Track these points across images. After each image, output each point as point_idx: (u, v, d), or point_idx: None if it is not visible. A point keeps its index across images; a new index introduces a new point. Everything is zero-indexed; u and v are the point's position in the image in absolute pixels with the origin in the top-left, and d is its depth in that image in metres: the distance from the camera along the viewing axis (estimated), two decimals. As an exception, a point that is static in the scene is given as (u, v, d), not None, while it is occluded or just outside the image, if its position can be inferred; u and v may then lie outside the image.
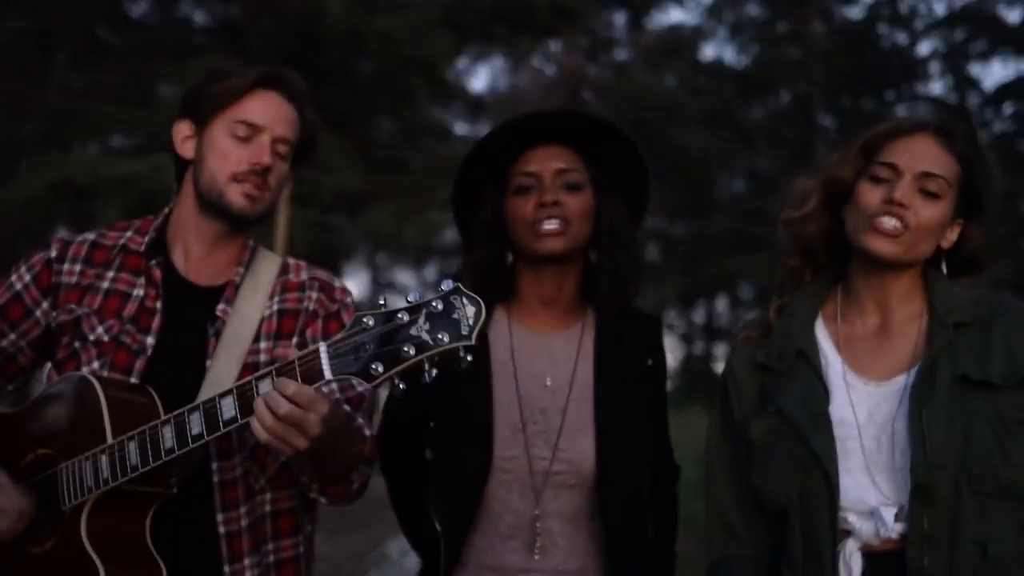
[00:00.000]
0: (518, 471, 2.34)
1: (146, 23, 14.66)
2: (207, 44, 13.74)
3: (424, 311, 1.77)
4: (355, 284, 21.56)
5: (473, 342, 1.74)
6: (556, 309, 2.45)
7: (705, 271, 18.90)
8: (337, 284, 2.35)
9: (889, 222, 2.09)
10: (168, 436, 1.99)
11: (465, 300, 1.76)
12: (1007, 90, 17.00)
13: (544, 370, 2.41)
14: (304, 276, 2.33)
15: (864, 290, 2.20)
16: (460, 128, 19.19)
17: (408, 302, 1.79)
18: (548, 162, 2.37)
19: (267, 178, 2.23)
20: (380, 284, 23.38)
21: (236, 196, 2.22)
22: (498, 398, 2.37)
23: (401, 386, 1.81)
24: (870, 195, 2.12)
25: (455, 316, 1.75)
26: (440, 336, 1.75)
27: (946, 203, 2.12)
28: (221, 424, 1.94)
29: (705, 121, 18.19)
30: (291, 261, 2.37)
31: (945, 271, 2.20)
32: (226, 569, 2.17)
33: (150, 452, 2.00)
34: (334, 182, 12.39)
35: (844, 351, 2.19)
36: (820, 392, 2.13)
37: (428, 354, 1.76)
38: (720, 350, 23.10)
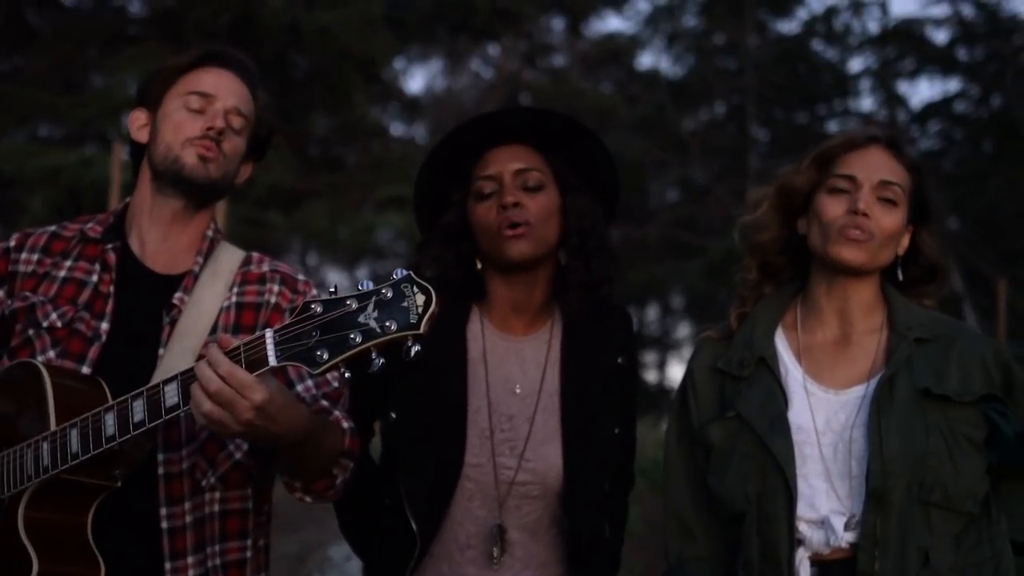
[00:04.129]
0: (483, 480, 2.30)
1: (79, 9, 14.27)
2: (141, 33, 13.44)
3: (373, 298, 1.72)
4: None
5: (422, 331, 1.69)
6: (527, 314, 2.41)
7: (636, 278, 19.01)
8: (300, 277, 2.30)
9: (855, 234, 2.17)
10: (110, 423, 1.94)
11: (416, 288, 1.72)
12: (932, 108, 17.46)
13: (514, 376, 2.37)
14: (265, 268, 2.28)
15: (824, 300, 2.25)
16: (396, 129, 19.07)
17: (358, 289, 1.74)
18: (507, 163, 2.34)
19: (221, 144, 2.20)
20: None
21: (189, 156, 2.19)
22: (469, 402, 2.32)
23: (347, 375, 1.77)
24: (833, 207, 2.20)
25: (404, 304, 1.71)
26: (388, 324, 1.71)
27: (902, 210, 2.22)
28: (163, 411, 1.90)
29: (639, 128, 18.32)
30: (254, 254, 2.31)
31: (901, 278, 2.26)
32: (167, 566, 2.09)
33: (91, 439, 1.94)
34: (268, 177, 12.16)
35: (804, 360, 2.23)
36: (779, 398, 2.17)
37: (374, 342, 1.72)
38: (650, 358, 23.24)
